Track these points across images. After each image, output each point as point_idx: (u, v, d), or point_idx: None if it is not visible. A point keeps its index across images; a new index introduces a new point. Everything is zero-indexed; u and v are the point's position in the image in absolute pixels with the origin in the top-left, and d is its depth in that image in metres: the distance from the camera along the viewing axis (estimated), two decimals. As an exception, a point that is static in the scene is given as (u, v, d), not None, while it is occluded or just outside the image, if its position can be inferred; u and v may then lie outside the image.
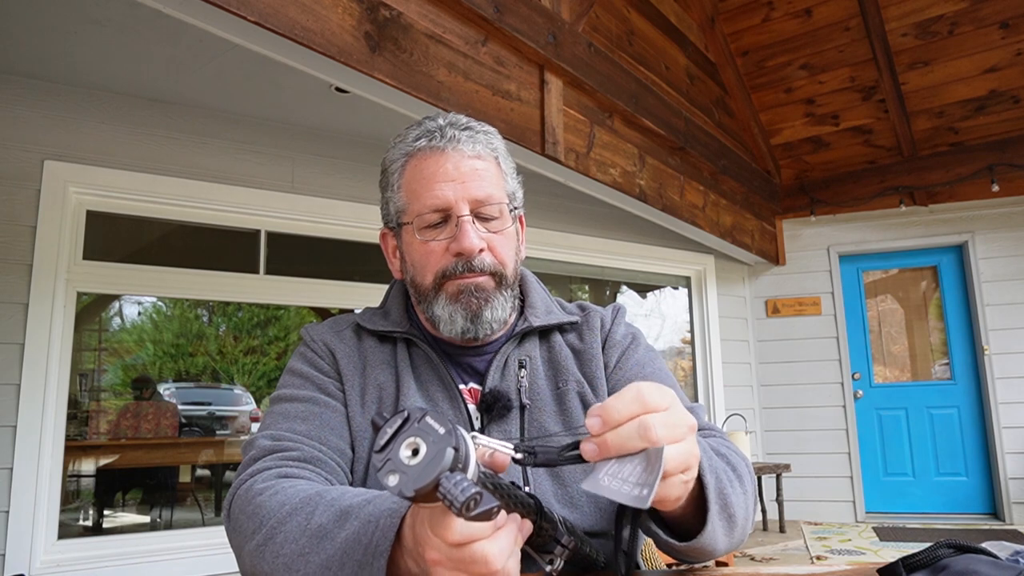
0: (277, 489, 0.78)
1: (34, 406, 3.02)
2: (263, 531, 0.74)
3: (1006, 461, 5.16)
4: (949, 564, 0.61)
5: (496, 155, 0.97)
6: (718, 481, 0.73)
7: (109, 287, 3.59)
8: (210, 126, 3.65)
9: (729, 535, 0.76)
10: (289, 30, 2.02)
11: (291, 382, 0.96)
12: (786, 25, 5.06)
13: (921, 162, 5.43)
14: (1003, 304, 5.32)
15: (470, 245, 0.89)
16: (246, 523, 0.77)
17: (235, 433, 5.46)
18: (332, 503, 0.73)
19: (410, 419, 0.53)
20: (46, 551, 3.03)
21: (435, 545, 0.58)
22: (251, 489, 0.79)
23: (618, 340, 1.01)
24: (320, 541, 0.70)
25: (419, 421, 0.53)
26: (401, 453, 0.52)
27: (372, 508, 0.69)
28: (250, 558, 0.75)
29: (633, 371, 0.98)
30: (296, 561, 0.70)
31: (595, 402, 0.95)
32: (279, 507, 0.75)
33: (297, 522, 0.72)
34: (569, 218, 4.89)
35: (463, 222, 0.90)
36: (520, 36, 2.84)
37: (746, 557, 4.19)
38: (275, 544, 0.72)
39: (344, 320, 1.03)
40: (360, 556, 0.66)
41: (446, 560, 0.58)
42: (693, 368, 5.65)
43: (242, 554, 0.77)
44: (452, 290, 0.92)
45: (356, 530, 0.68)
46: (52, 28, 2.88)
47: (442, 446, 0.51)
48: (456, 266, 0.91)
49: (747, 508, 0.79)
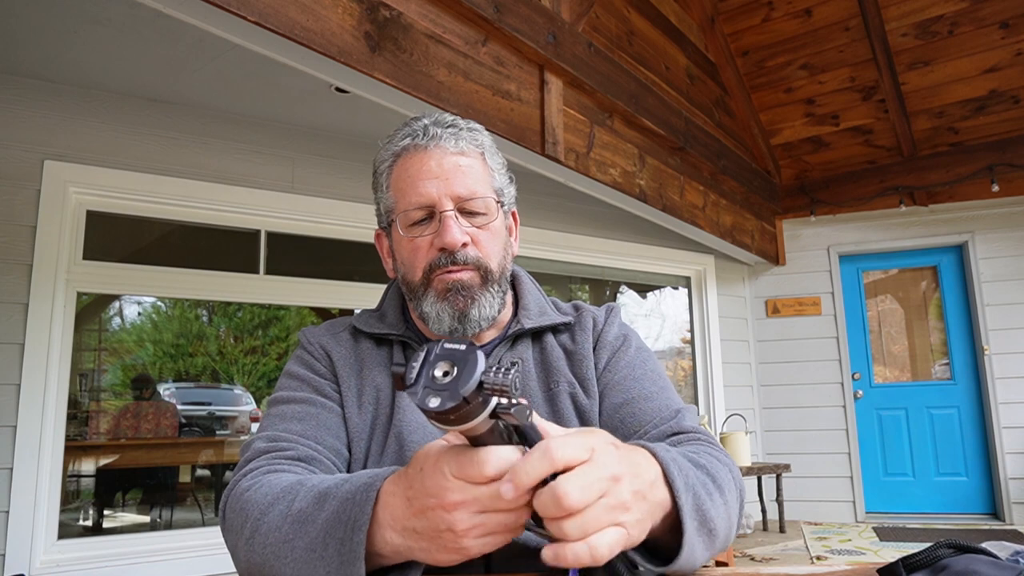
0: (263, 483, 0.79)
1: (34, 406, 3.02)
2: (249, 523, 0.75)
3: (1006, 461, 5.16)
4: (949, 564, 0.61)
5: (482, 151, 0.98)
6: (696, 498, 0.70)
7: (109, 287, 3.59)
8: (210, 126, 3.65)
9: (710, 547, 0.73)
10: (289, 30, 2.02)
11: (288, 384, 0.96)
12: (786, 25, 5.06)
13: (921, 162, 5.42)
14: (1003, 304, 5.32)
15: (452, 239, 0.91)
16: (235, 519, 0.78)
17: (235, 433, 5.46)
18: (312, 488, 0.74)
19: (430, 351, 0.56)
20: (46, 551, 3.03)
21: (458, 488, 0.58)
22: (239, 486, 0.81)
23: (609, 341, 1.01)
24: (302, 526, 0.71)
25: (439, 348, 0.55)
26: (434, 372, 0.54)
27: (349, 486, 0.70)
28: (244, 553, 0.76)
29: (623, 373, 0.98)
30: (282, 548, 0.71)
31: (587, 404, 0.95)
32: (263, 498, 0.76)
33: (279, 510, 0.74)
34: (569, 218, 4.89)
35: (446, 217, 0.91)
36: (520, 36, 2.84)
37: (746, 557, 4.19)
38: (261, 535, 0.74)
39: (341, 323, 1.04)
40: (341, 533, 0.67)
41: (472, 500, 0.58)
42: (693, 368, 5.65)
43: (237, 551, 0.78)
44: (440, 287, 0.93)
45: (335, 509, 0.69)
46: (52, 28, 2.88)
47: (471, 353, 0.54)
48: (439, 259, 0.92)
49: (729, 518, 0.77)
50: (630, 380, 0.97)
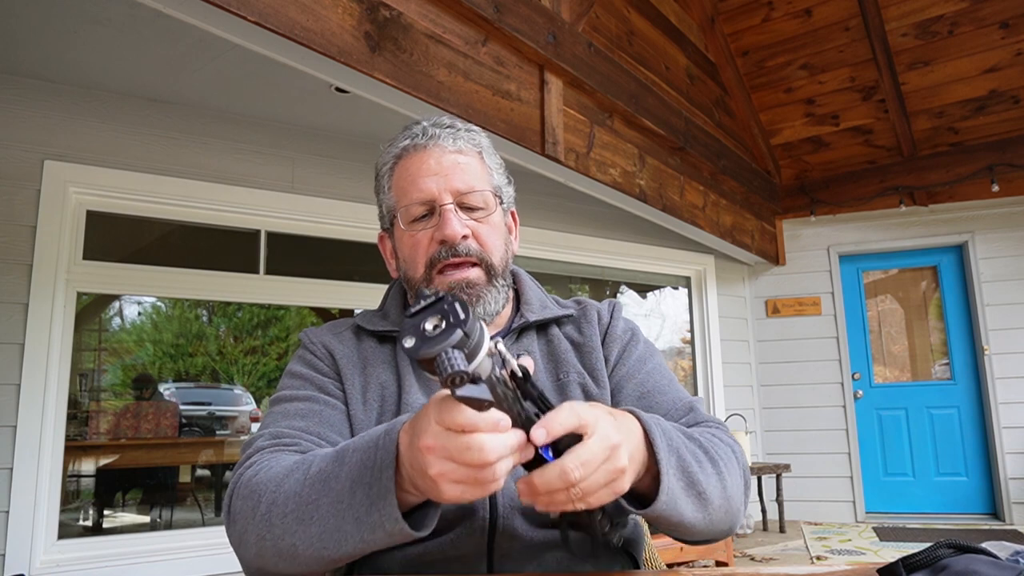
0: (270, 464, 0.80)
1: (34, 406, 3.02)
2: (264, 500, 0.75)
3: (1006, 461, 5.16)
4: (949, 564, 0.61)
5: (479, 150, 1.00)
6: (680, 460, 0.75)
7: (109, 287, 3.59)
8: (210, 126, 3.65)
9: (702, 511, 0.77)
10: (289, 30, 2.02)
11: (290, 384, 0.97)
12: (786, 25, 5.06)
13: (921, 162, 5.42)
14: (1003, 304, 5.32)
15: (452, 231, 0.93)
16: (245, 504, 0.77)
17: (235, 433, 5.45)
18: (326, 454, 0.76)
19: (443, 299, 0.61)
20: (46, 551, 3.03)
21: (433, 432, 0.61)
22: (244, 476, 0.81)
23: (618, 335, 1.03)
24: (325, 483, 0.72)
25: (449, 304, 0.60)
26: (425, 323, 0.59)
27: (367, 437, 0.73)
28: (258, 533, 0.75)
29: (635, 367, 1.00)
30: (305, 511, 0.72)
31: (597, 393, 0.97)
32: (275, 475, 0.77)
33: (296, 479, 0.75)
34: (569, 218, 4.89)
35: (445, 211, 0.94)
36: (520, 36, 2.84)
37: (746, 557, 4.19)
38: (279, 505, 0.74)
39: (343, 323, 1.05)
40: (368, 478, 0.68)
41: (440, 447, 0.61)
42: (693, 368, 5.65)
43: (247, 536, 0.76)
44: (443, 286, 0.94)
45: (359, 460, 0.71)
46: (52, 28, 2.88)
47: (456, 327, 0.57)
48: (440, 252, 0.94)
49: (724, 489, 0.80)
50: (643, 374, 0.99)
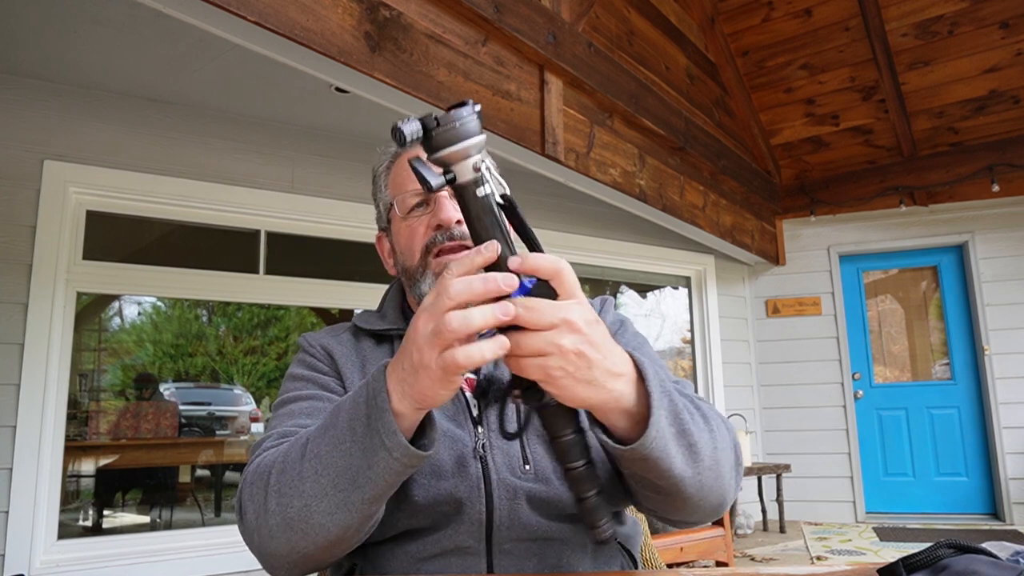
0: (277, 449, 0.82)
1: (34, 406, 3.02)
2: (273, 473, 0.76)
3: (1006, 461, 5.16)
4: (949, 564, 0.61)
5: None
6: (672, 404, 0.74)
7: (109, 287, 3.59)
8: (210, 126, 3.65)
9: (692, 465, 0.75)
10: (289, 30, 2.02)
11: (292, 386, 0.97)
12: (786, 25, 5.06)
13: (921, 162, 5.42)
14: (1003, 304, 5.32)
15: (447, 215, 0.96)
16: (254, 489, 0.78)
17: (235, 433, 5.45)
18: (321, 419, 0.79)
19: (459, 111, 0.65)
20: (46, 551, 3.03)
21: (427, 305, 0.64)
22: (251, 464, 0.82)
23: (608, 324, 1.03)
24: (323, 433, 0.74)
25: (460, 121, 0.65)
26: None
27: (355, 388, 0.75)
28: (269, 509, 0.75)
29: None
30: (310, 465, 0.73)
31: None
32: (276, 453, 0.79)
33: (297, 445, 0.77)
34: (569, 218, 4.89)
35: (440, 198, 0.98)
36: (520, 36, 2.84)
37: (746, 557, 4.19)
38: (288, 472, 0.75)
39: (341, 326, 1.07)
40: (365, 410, 0.70)
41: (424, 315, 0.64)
42: (693, 368, 5.65)
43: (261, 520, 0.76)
44: (438, 270, 0.96)
45: (350, 403, 0.73)
46: (52, 28, 2.88)
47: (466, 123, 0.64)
48: (436, 237, 0.97)
49: (715, 450, 0.79)
50: None
